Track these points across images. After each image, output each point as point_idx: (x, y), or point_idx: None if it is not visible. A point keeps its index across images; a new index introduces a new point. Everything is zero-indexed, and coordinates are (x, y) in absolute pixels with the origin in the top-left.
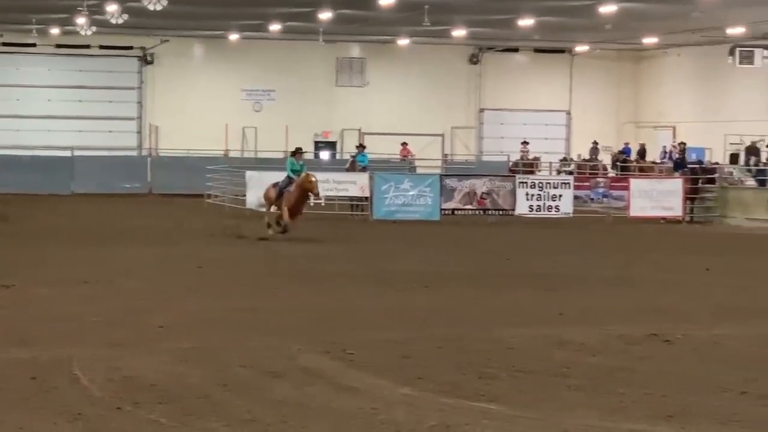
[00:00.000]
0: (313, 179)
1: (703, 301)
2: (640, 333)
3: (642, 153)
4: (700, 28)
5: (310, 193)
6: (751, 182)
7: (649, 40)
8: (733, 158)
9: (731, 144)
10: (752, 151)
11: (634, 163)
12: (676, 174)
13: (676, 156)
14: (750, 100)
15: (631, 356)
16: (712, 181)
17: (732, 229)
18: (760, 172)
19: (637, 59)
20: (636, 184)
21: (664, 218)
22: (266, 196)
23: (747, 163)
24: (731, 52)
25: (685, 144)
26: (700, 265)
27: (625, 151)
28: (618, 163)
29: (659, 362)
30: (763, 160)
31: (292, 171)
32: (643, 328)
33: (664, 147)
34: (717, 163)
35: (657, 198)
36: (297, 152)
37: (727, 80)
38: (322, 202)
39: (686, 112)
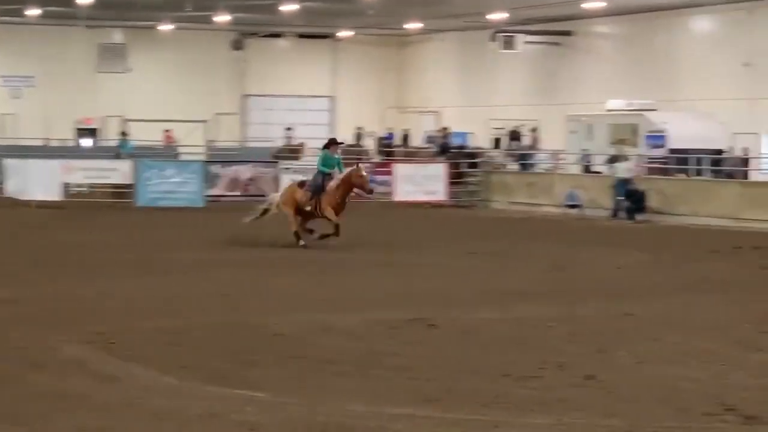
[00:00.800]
0: (364, 173)
1: (466, 284)
2: (404, 317)
3: (406, 138)
4: (463, 14)
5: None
6: (513, 166)
7: (413, 26)
8: (496, 142)
9: (494, 128)
10: (514, 135)
11: (399, 149)
12: (440, 159)
13: (439, 141)
14: (512, 84)
15: (396, 341)
16: (475, 165)
17: (495, 213)
18: (522, 156)
19: (401, 45)
20: (400, 169)
21: (428, 203)
22: (289, 200)
23: (509, 148)
24: (493, 38)
25: (448, 129)
26: (463, 249)
27: (389, 136)
28: (382, 149)
29: (424, 346)
30: (525, 144)
31: (326, 166)
32: (408, 312)
33: (428, 132)
34: (480, 148)
35: (421, 183)
36: (333, 144)
37: (489, 65)
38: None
39: (450, 97)
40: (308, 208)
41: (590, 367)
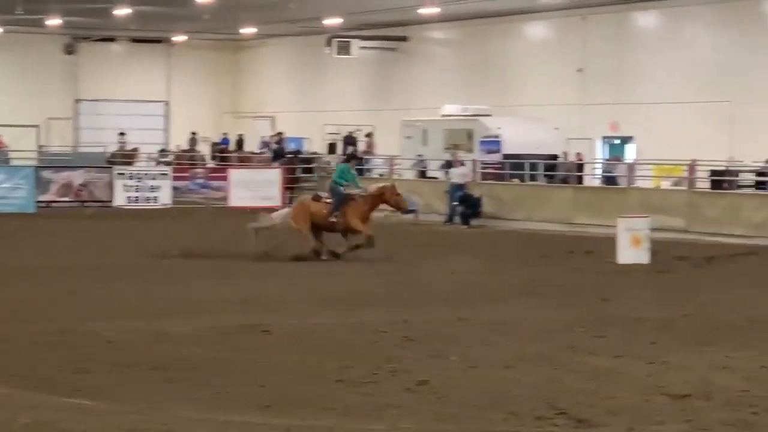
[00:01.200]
0: (400, 192)
1: (300, 290)
2: (239, 323)
3: (241, 143)
4: (298, 19)
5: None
6: None
7: (248, 31)
8: (332, 148)
9: (329, 134)
10: (350, 140)
11: (234, 154)
12: (275, 164)
13: (274, 146)
14: (348, 90)
15: (229, 347)
16: (310, 170)
17: None
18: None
19: (236, 49)
20: (235, 174)
21: (264, 208)
22: (301, 214)
23: (344, 153)
24: (328, 43)
25: (282, 134)
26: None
27: (224, 141)
28: (217, 154)
29: (258, 352)
30: (361, 149)
31: (343, 179)
32: (242, 318)
33: (263, 137)
34: (316, 153)
35: (256, 188)
36: (353, 158)
37: (325, 70)
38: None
39: (285, 102)
40: (333, 220)
41: (423, 372)
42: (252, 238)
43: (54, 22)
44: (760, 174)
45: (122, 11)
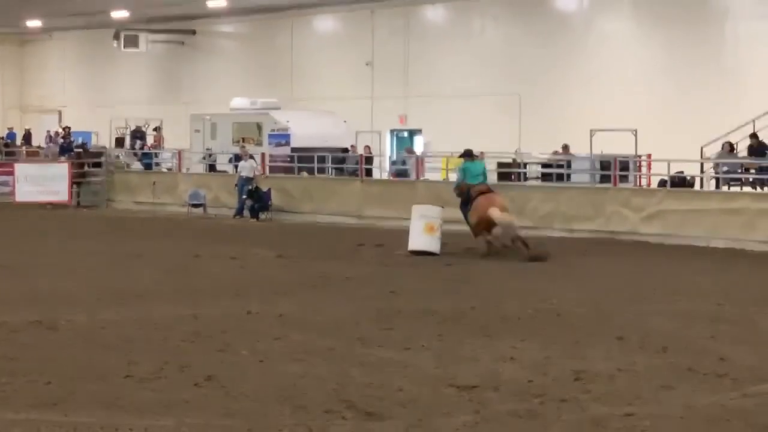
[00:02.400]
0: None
1: (87, 285)
2: (23, 320)
3: (27, 138)
4: (85, 12)
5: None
6: (137, 166)
7: (33, 24)
8: (119, 142)
9: (117, 128)
10: (138, 134)
11: (20, 149)
12: (62, 158)
13: (60, 140)
14: (136, 83)
15: (13, 344)
16: (99, 165)
17: (119, 213)
18: (146, 155)
19: (20, 43)
20: (21, 169)
21: (51, 203)
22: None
23: (132, 147)
24: (116, 36)
25: (69, 128)
26: (86, 249)
27: (10, 136)
28: (3, 149)
29: (43, 349)
30: (149, 143)
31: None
32: (27, 314)
33: (49, 131)
34: (104, 147)
35: (43, 183)
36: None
37: (112, 64)
38: None
39: (72, 96)
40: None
41: (211, 367)
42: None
43: None
44: (545, 166)
45: None
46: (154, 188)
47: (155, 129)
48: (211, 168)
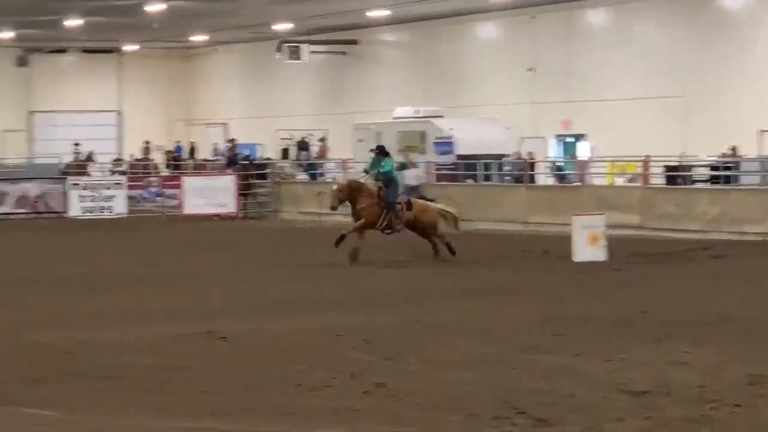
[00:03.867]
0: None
1: (257, 295)
2: (194, 331)
3: (193, 151)
4: (249, 25)
5: None
6: (302, 176)
7: (198, 38)
8: (285, 153)
9: (282, 139)
10: (302, 145)
11: (187, 162)
12: (229, 171)
13: (227, 153)
14: (300, 95)
15: (186, 355)
16: (264, 176)
17: (286, 224)
18: (311, 166)
19: (186, 57)
20: (189, 182)
21: (218, 215)
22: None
23: (298, 158)
24: (279, 48)
25: (235, 140)
26: (254, 261)
27: (177, 149)
28: (170, 162)
29: (214, 359)
30: (313, 154)
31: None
32: (198, 325)
33: (215, 144)
34: (269, 159)
35: (210, 195)
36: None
37: (276, 76)
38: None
39: (237, 108)
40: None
41: (381, 375)
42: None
43: (6, 35)
44: (713, 168)
45: (73, 22)
46: (319, 198)
47: (320, 139)
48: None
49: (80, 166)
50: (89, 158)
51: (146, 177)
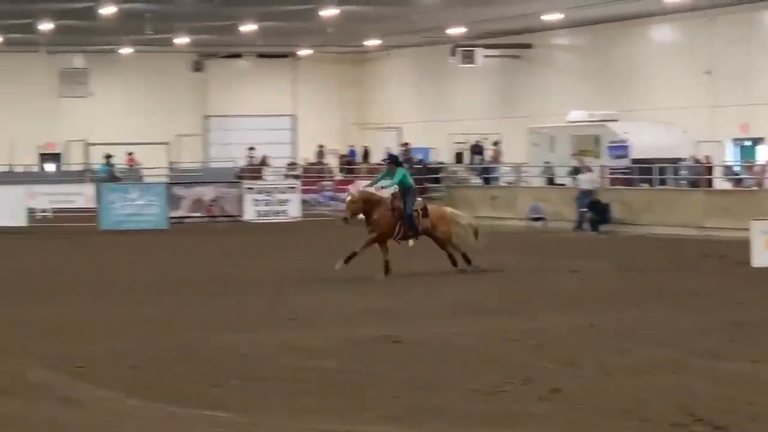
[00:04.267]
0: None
1: (431, 300)
2: (370, 334)
3: (366, 155)
4: (422, 29)
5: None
6: (476, 181)
7: (372, 43)
8: (458, 157)
9: (456, 143)
10: (476, 149)
11: (361, 165)
12: None
13: (400, 157)
14: (473, 98)
15: (360, 358)
16: (437, 180)
17: None
18: (484, 170)
19: (360, 61)
20: (362, 185)
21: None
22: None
23: (471, 162)
24: (452, 52)
25: (408, 144)
26: (428, 264)
27: (351, 153)
28: (344, 166)
29: (389, 363)
30: (487, 158)
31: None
32: (373, 329)
33: (388, 148)
34: (442, 163)
35: None
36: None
37: (449, 80)
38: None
39: (411, 112)
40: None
41: (556, 380)
42: None
43: (182, 40)
44: None
45: (248, 27)
46: (493, 203)
47: (494, 143)
48: (550, 181)
49: (255, 170)
50: (263, 162)
51: (320, 181)
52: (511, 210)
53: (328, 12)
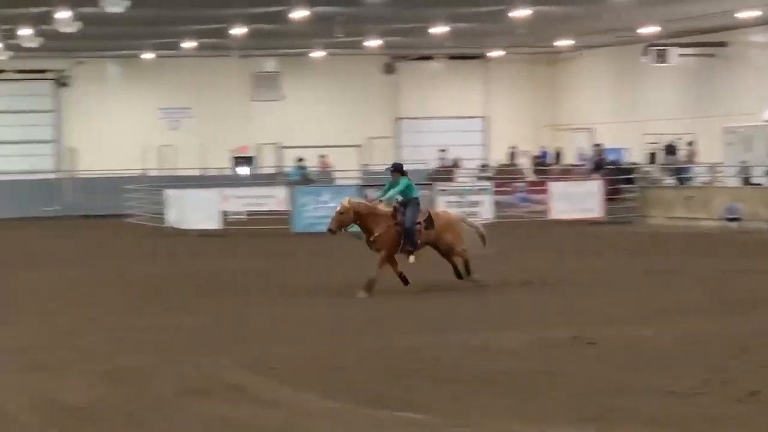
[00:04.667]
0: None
1: (626, 301)
2: (562, 336)
3: (558, 156)
4: (614, 29)
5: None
6: (669, 181)
7: (564, 43)
8: (652, 157)
9: (649, 143)
10: (670, 149)
11: (553, 167)
12: (594, 176)
13: (593, 157)
14: (666, 98)
15: (554, 360)
16: (631, 181)
17: (653, 229)
18: (678, 170)
19: (552, 62)
20: (555, 187)
21: (584, 220)
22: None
23: (665, 162)
24: (645, 52)
25: (601, 145)
26: (621, 266)
27: (543, 154)
28: (537, 167)
29: (583, 365)
30: (681, 158)
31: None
32: (566, 330)
33: (581, 149)
34: (635, 163)
35: (576, 200)
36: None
37: (642, 79)
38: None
39: (603, 112)
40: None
41: (754, 382)
42: None
43: (373, 43)
44: None
45: (439, 29)
46: (687, 203)
47: (688, 143)
48: (746, 181)
49: (446, 172)
50: (455, 164)
51: (512, 182)
52: (706, 210)
53: (520, 13)
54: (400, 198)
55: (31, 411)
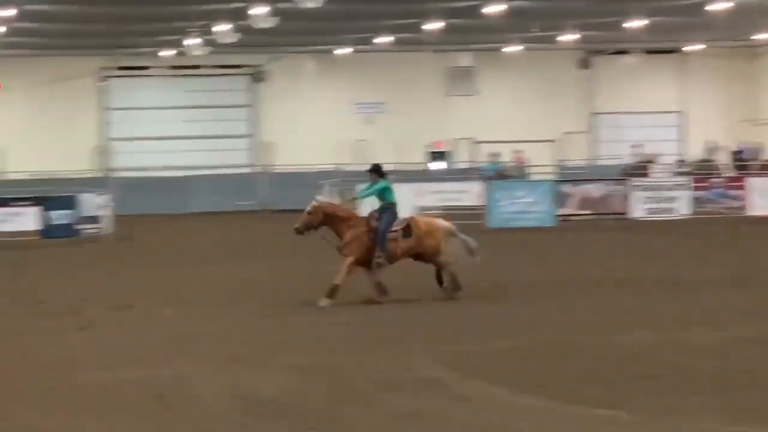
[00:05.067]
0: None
1: None
2: (764, 334)
3: (758, 151)
4: None
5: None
6: None
7: (762, 36)
8: None
9: None
10: None
11: (752, 162)
12: None
13: None
14: None
15: (755, 358)
16: None
17: None
18: None
19: (750, 56)
20: (754, 182)
21: None
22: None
23: None
24: None
25: None
26: None
27: (741, 150)
28: (735, 163)
29: None
30: None
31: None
32: (765, 328)
33: None
34: None
35: None
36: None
37: None
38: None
39: None
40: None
41: None
42: None
43: (568, 37)
44: None
45: (635, 23)
46: None
47: None
48: None
49: (641, 167)
50: (650, 159)
51: (710, 178)
52: None
53: (718, 6)
54: (376, 198)
55: (227, 402)
